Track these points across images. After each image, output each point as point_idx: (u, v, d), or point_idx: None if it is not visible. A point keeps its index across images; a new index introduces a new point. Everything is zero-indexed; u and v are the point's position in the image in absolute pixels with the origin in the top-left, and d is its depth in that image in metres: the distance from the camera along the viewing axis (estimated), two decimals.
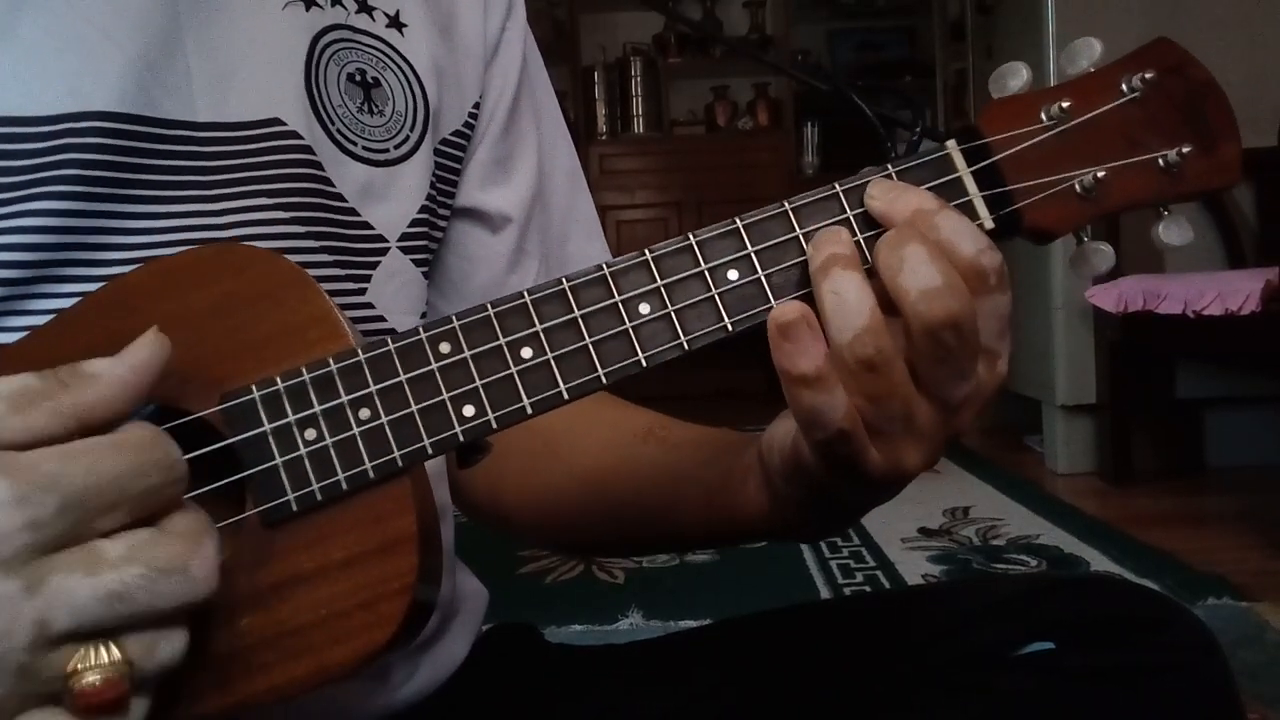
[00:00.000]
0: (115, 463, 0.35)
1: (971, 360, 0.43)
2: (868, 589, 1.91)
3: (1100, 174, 0.47)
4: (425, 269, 0.62)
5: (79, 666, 0.34)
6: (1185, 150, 0.48)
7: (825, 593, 1.90)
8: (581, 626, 1.76)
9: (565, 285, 0.44)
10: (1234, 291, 2.07)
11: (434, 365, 0.43)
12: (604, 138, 5.03)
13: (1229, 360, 2.65)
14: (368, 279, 0.59)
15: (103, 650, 0.34)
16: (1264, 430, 2.74)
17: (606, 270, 0.44)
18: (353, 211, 0.58)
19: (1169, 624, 0.58)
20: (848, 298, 0.42)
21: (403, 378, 0.43)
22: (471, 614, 0.69)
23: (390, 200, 0.59)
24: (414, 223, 0.61)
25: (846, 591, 1.91)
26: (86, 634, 0.34)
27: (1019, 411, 3.25)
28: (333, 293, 0.57)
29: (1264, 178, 2.66)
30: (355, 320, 0.57)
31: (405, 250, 0.60)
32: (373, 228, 0.59)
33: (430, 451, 0.42)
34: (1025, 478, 2.79)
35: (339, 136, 0.58)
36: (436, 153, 0.63)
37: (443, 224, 0.65)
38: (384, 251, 0.59)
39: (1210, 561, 1.97)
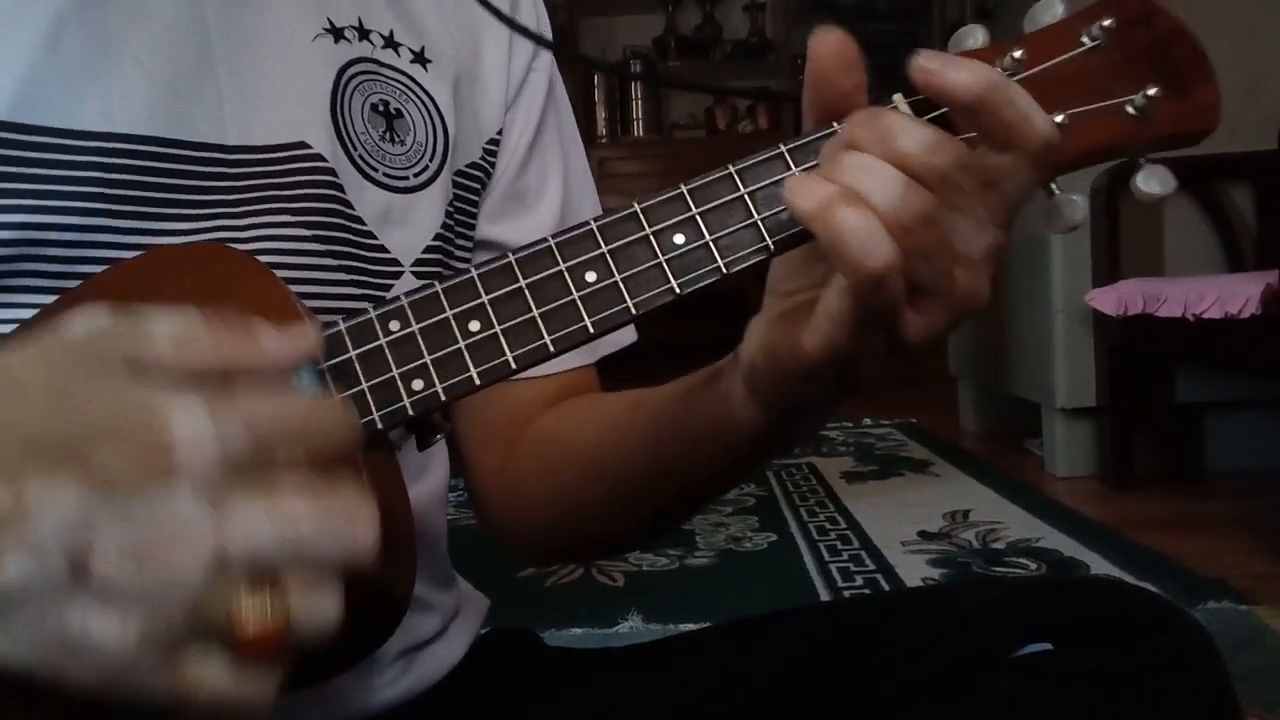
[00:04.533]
0: (301, 408, 0.37)
1: (981, 208, 0.44)
2: (867, 592, 1.90)
3: (1059, 119, 0.46)
4: None
5: (245, 608, 0.34)
6: (1152, 93, 0.47)
7: (825, 596, 1.90)
8: (581, 630, 1.76)
9: (511, 258, 0.45)
10: (1234, 295, 2.07)
11: (383, 341, 0.44)
12: (604, 140, 5.04)
13: (1229, 364, 2.64)
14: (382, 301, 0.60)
15: (268, 595, 0.34)
16: (1264, 434, 2.74)
17: (552, 241, 0.45)
18: (370, 235, 0.59)
19: (1167, 626, 0.58)
20: (874, 168, 0.42)
21: (353, 354, 0.43)
22: (471, 618, 0.69)
23: (407, 226, 0.61)
24: (428, 249, 0.62)
25: (846, 595, 1.91)
26: (257, 568, 0.34)
27: (1019, 415, 3.25)
28: (349, 312, 0.58)
29: (1263, 181, 2.66)
30: None
31: (419, 275, 0.62)
32: (388, 251, 0.60)
33: (380, 425, 0.43)
34: (1025, 481, 2.79)
35: (361, 162, 0.60)
36: (453, 184, 0.64)
37: (461, 254, 0.67)
38: (398, 275, 0.61)
39: (1210, 565, 1.96)
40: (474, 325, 0.44)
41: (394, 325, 0.44)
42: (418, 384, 0.43)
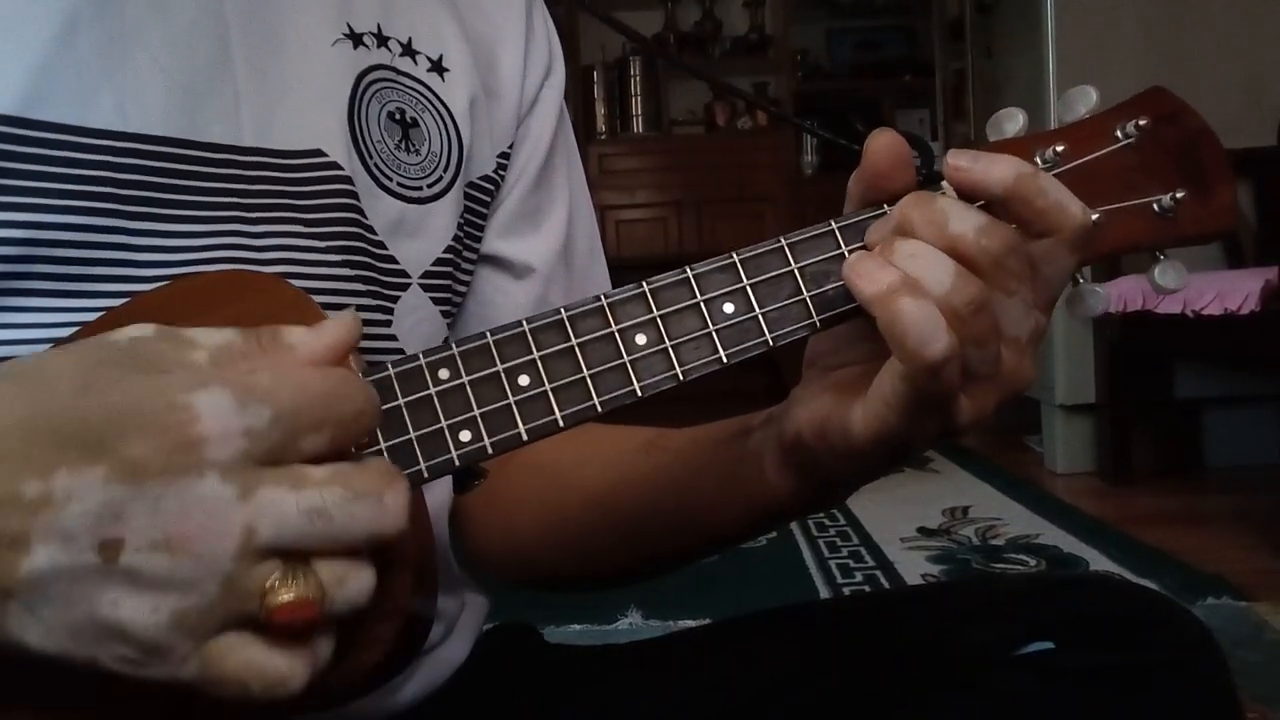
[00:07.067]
0: (322, 384, 0.37)
1: (1028, 291, 0.46)
2: (867, 589, 1.91)
3: (1095, 217, 0.48)
4: (445, 308, 0.63)
5: (276, 584, 0.35)
6: (1179, 195, 0.49)
7: (824, 592, 1.91)
8: (580, 626, 1.76)
9: (563, 315, 0.45)
10: (1233, 291, 2.07)
11: (432, 390, 0.43)
12: (603, 137, 5.04)
13: (1228, 360, 2.65)
14: (392, 312, 0.60)
15: (299, 572, 0.35)
16: (1263, 430, 2.75)
17: (604, 301, 0.45)
18: (381, 245, 0.59)
19: (1168, 623, 0.59)
20: (929, 256, 0.43)
21: (401, 402, 0.43)
22: (473, 617, 0.69)
23: (419, 238, 0.61)
24: (438, 262, 0.62)
25: (846, 591, 1.91)
26: (286, 550, 0.35)
27: (1018, 411, 3.25)
28: (364, 323, 0.58)
29: (1263, 177, 2.66)
30: (380, 353, 0.58)
31: (426, 288, 0.61)
32: (397, 262, 0.60)
33: (426, 475, 0.43)
34: (1024, 477, 2.79)
35: (376, 171, 0.59)
36: (465, 195, 0.64)
37: (468, 267, 0.66)
38: (405, 287, 0.60)
39: (1209, 561, 1.97)
40: (524, 380, 0.44)
41: (443, 374, 0.43)
42: (465, 436, 0.43)
